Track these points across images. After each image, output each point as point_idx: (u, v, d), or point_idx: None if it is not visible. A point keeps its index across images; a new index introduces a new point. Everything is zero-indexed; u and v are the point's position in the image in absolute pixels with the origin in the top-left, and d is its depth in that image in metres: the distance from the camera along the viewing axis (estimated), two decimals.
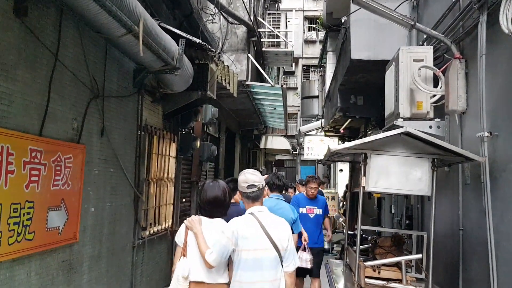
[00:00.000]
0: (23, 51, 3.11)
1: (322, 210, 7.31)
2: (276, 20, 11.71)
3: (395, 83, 6.33)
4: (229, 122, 11.92)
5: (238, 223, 3.38)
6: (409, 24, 6.07)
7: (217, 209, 3.58)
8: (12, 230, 3.01)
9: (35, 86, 3.26)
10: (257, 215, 3.42)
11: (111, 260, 4.62)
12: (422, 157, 5.01)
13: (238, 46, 8.75)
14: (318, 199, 7.36)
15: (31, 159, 3.19)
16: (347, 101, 10.79)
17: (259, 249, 3.32)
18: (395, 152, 5.03)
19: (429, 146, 4.98)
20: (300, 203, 7.23)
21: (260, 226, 3.36)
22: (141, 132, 5.28)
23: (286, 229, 3.47)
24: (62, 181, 3.61)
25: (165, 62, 4.77)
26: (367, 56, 8.32)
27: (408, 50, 6.20)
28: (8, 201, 2.96)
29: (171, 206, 6.57)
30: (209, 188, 3.61)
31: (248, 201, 3.50)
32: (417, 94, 5.98)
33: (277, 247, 3.34)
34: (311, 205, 7.25)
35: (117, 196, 4.73)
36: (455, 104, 5.50)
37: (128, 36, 3.96)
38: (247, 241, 3.31)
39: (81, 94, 3.92)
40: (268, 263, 3.32)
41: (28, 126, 3.20)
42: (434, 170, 4.98)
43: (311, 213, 7.24)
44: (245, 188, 3.46)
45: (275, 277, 3.33)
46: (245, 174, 3.56)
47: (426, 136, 4.85)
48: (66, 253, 3.76)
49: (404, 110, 6.09)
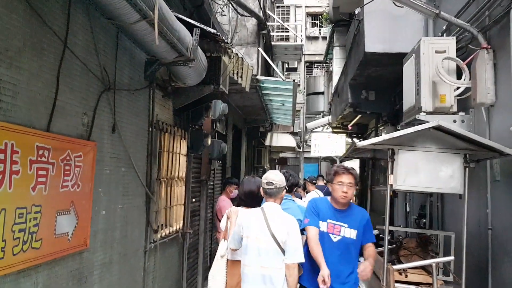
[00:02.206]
0: (28, 36, 2.76)
1: (358, 232, 4.21)
2: (285, 13, 11.36)
3: (416, 75, 6.02)
4: (236, 119, 11.58)
5: (246, 214, 4.06)
6: (433, 12, 5.74)
7: (251, 201, 4.39)
8: (17, 238, 2.66)
9: (42, 76, 2.91)
10: (265, 209, 3.96)
11: (122, 267, 4.29)
12: (453, 153, 4.71)
13: (248, 40, 8.42)
14: (353, 211, 4.31)
15: (38, 158, 2.85)
16: (358, 96, 10.49)
17: (260, 238, 3.83)
18: (424, 147, 4.73)
19: (460, 141, 4.68)
20: (321, 212, 4.28)
21: (263, 218, 3.88)
22: (152, 128, 4.94)
23: (288, 224, 3.86)
24: (71, 182, 3.27)
25: (179, 53, 4.43)
26: (382, 49, 8.02)
27: (430, 41, 5.89)
28: (13, 206, 2.62)
29: (182, 207, 6.23)
30: (246, 182, 4.55)
31: (265, 196, 4.07)
32: (440, 86, 5.68)
33: (276, 239, 3.79)
34: (337, 220, 4.22)
35: (129, 197, 4.39)
36: (483, 96, 5.20)
37: (142, 23, 3.61)
38: (250, 229, 3.89)
39: (91, 86, 3.58)
40: (266, 252, 3.80)
41: (35, 120, 2.85)
42: (466, 166, 4.70)
43: (336, 233, 4.18)
44: (265, 184, 4.03)
45: (275, 266, 3.77)
46: (268, 173, 4.18)
47: (459, 130, 4.54)
48: (76, 261, 3.42)
49: (426, 104, 5.78)
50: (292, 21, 11.44)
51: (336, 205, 4.29)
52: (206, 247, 8.08)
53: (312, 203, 4.46)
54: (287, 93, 9.29)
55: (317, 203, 4.43)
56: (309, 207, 4.39)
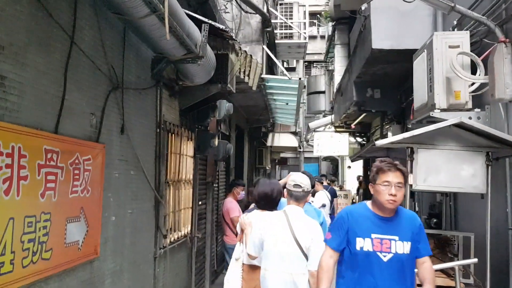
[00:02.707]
0: (34, 30, 2.55)
1: (412, 243, 3.22)
2: (288, 11, 11.16)
3: (428, 72, 5.84)
4: (238, 119, 11.37)
5: (267, 218, 3.90)
6: (449, 6, 5.55)
7: (266, 203, 4.19)
8: (26, 249, 2.46)
9: (49, 74, 2.70)
10: (288, 213, 3.78)
11: (133, 275, 4.08)
12: (475, 151, 4.52)
13: (252, 37, 8.21)
14: (401, 217, 3.28)
15: (47, 162, 2.64)
16: (363, 94, 10.29)
17: (283, 242, 3.68)
18: (444, 146, 4.53)
19: (481, 139, 4.49)
20: (359, 226, 3.24)
21: (287, 222, 3.71)
22: (160, 129, 4.74)
23: (312, 230, 3.71)
24: (81, 187, 3.06)
25: (188, 49, 4.23)
26: (390, 45, 7.82)
27: (443, 36, 5.71)
28: (21, 214, 2.41)
29: (190, 210, 6.02)
30: (261, 184, 4.31)
31: (290, 199, 3.88)
32: (455, 82, 5.49)
33: (299, 244, 3.64)
34: (385, 232, 3.20)
35: (138, 201, 4.19)
36: (502, 92, 5.01)
37: (152, 17, 3.41)
38: (271, 234, 3.73)
39: (99, 85, 3.37)
40: (289, 257, 3.65)
41: (42, 121, 2.64)
42: (489, 164, 4.50)
43: (386, 250, 3.16)
44: (292, 186, 3.86)
45: (297, 271, 3.63)
46: (295, 175, 4.03)
47: (483, 127, 4.35)
48: (86, 271, 3.22)
49: (441, 101, 5.59)
50: (296, 19, 11.23)
51: (381, 212, 3.23)
52: (212, 251, 7.88)
53: (345, 213, 3.36)
54: (292, 92, 9.09)
55: (353, 213, 3.32)
56: (339, 218, 3.37)
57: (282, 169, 29.35)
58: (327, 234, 3.42)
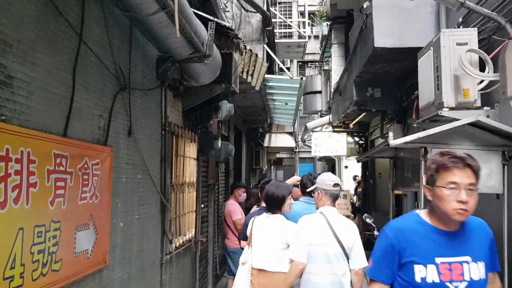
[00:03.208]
0: (42, 27, 2.39)
1: (486, 263, 2.35)
2: (287, 10, 11.02)
3: (435, 69, 5.73)
4: (237, 120, 11.22)
5: (308, 221, 3.78)
6: (458, 2, 5.44)
7: (273, 205, 4.17)
8: (36, 260, 2.29)
9: (57, 74, 2.54)
10: (326, 214, 3.76)
11: (140, 282, 3.92)
12: (490, 150, 4.42)
13: (253, 37, 8.06)
14: (470, 227, 2.37)
15: (56, 167, 2.48)
16: (363, 93, 10.18)
17: (326, 244, 3.63)
18: (459, 145, 4.42)
19: (497, 137, 4.39)
20: (417, 249, 2.30)
21: (327, 224, 3.68)
22: (165, 131, 4.57)
23: (352, 230, 3.73)
24: (90, 193, 2.90)
25: (195, 48, 4.08)
26: (392, 43, 7.71)
27: (450, 33, 5.60)
28: (31, 224, 2.25)
29: (194, 214, 5.86)
30: (270, 186, 4.25)
31: (327, 198, 3.85)
32: (463, 80, 5.39)
33: (342, 245, 3.63)
34: (452, 253, 2.29)
35: (145, 206, 4.03)
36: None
37: (161, 14, 3.26)
38: (315, 237, 3.65)
39: (106, 85, 3.21)
40: (334, 258, 3.62)
41: (51, 124, 2.48)
42: (505, 164, 4.40)
43: (457, 279, 2.26)
44: (331, 186, 3.83)
45: (341, 271, 3.62)
46: (328, 175, 4.06)
47: (501, 125, 4.24)
48: (95, 281, 3.05)
49: (449, 99, 5.48)
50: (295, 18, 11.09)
51: (444, 226, 2.32)
52: (215, 254, 7.72)
53: (392, 232, 2.39)
54: (292, 92, 8.95)
55: (404, 230, 2.37)
56: (383, 241, 2.42)
57: (277, 169, 29.23)
58: (369, 262, 2.54)
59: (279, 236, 4.05)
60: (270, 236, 4.09)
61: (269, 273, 3.99)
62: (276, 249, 4.04)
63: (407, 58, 7.17)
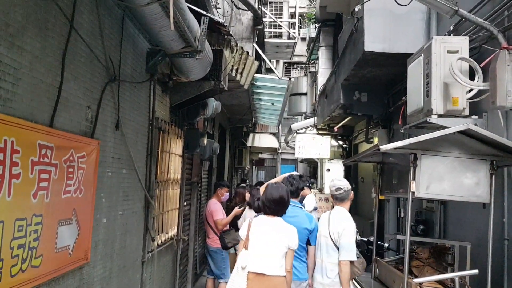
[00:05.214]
0: (32, 11, 2.27)
1: None
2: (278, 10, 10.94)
3: (426, 76, 5.72)
4: (221, 119, 11.11)
5: (322, 217, 4.68)
6: (452, 9, 5.43)
7: (280, 208, 4.11)
8: (16, 256, 2.18)
9: (46, 60, 2.42)
10: (332, 212, 4.55)
11: (121, 280, 3.81)
12: (479, 159, 4.41)
13: (242, 35, 7.96)
14: None
15: (40, 158, 2.36)
16: (350, 97, 10.17)
17: (324, 236, 4.43)
18: (449, 153, 4.41)
19: (486, 147, 4.39)
20: None
21: (327, 219, 4.51)
22: (152, 126, 4.47)
23: (342, 226, 4.32)
24: (74, 187, 2.79)
25: (187, 43, 3.99)
26: (382, 48, 7.70)
27: (441, 40, 5.60)
28: (12, 217, 2.13)
29: (177, 211, 5.75)
30: (274, 189, 4.15)
31: (336, 201, 4.60)
32: (453, 88, 5.39)
33: (332, 238, 4.34)
34: None
35: (129, 202, 3.91)
36: (503, 99, 4.92)
37: (155, 5, 3.17)
38: (321, 229, 4.53)
39: (96, 75, 3.09)
40: (326, 247, 4.37)
41: (37, 113, 2.36)
42: (493, 173, 4.40)
43: None
44: (334, 191, 4.56)
45: (331, 261, 4.31)
46: (333, 180, 4.72)
47: (492, 135, 4.23)
48: (76, 278, 2.94)
49: (438, 106, 5.48)
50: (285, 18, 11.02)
51: None
52: (195, 253, 7.61)
53: None
54: (279, 92, 8.89)
55: None
56: None
57: (259, 169, 29.17)
58: None
59: (282, 240, 3.93)
60: (272, 239, 3.94)
61: (268, 277, 3.81)
62: (278, 253, 3.90)
63: (396, 64, 7.16)
